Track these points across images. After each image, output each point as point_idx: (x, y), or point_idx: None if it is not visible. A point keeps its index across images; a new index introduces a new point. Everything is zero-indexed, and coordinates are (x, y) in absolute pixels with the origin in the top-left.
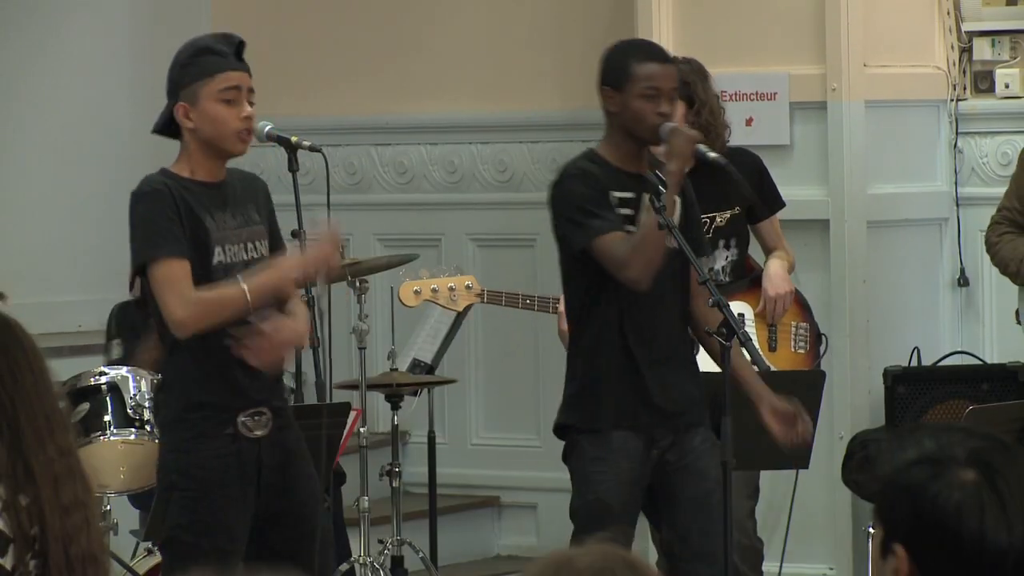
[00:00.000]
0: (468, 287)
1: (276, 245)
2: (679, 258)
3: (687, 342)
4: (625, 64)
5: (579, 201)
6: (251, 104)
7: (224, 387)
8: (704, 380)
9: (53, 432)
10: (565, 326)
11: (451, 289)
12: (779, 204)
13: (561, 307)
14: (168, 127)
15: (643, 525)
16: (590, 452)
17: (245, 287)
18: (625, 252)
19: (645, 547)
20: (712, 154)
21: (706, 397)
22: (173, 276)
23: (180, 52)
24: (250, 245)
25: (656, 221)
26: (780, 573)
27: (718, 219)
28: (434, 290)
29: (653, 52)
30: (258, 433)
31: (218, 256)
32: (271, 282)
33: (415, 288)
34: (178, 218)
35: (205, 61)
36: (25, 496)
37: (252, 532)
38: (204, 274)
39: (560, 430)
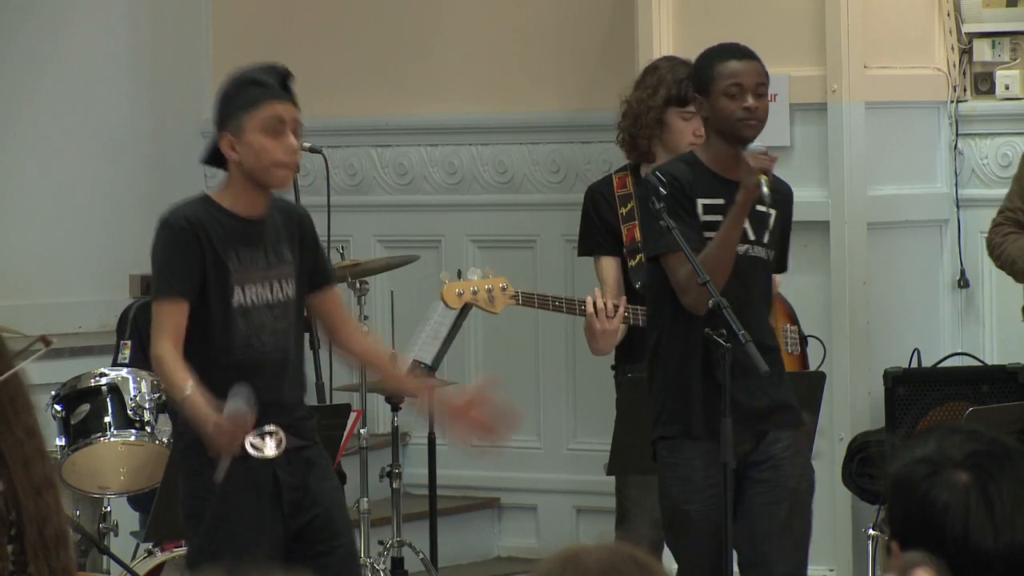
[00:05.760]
0: (503, 289)
1: (319, 280)
2: (757, 265)
3: (771, 346)
4: (708, 67)
5: (656, 208)
6: (297, 136)
7: None
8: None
9: (19, 413)
10: (598, 325)
11: (489, 291)
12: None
13: (589, 307)
14: (216, 157)
15: None
16: (668, 458)
17: (188, 395)
18: (684, 278)
19: None
20: (765, 193)
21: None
22: (164, 321)
23: (226, 83)
24: (275, 285)
25: (726, 242)
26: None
27: None
28: (475, 292)
29: (733, 50)
30: (269, 453)
31: (237, 297)
32: (195, 419)
33: (458, 290)
34: (195, 257)
35: (249, 92)
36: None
37: (284, 551)
38: (223, 317)
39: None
